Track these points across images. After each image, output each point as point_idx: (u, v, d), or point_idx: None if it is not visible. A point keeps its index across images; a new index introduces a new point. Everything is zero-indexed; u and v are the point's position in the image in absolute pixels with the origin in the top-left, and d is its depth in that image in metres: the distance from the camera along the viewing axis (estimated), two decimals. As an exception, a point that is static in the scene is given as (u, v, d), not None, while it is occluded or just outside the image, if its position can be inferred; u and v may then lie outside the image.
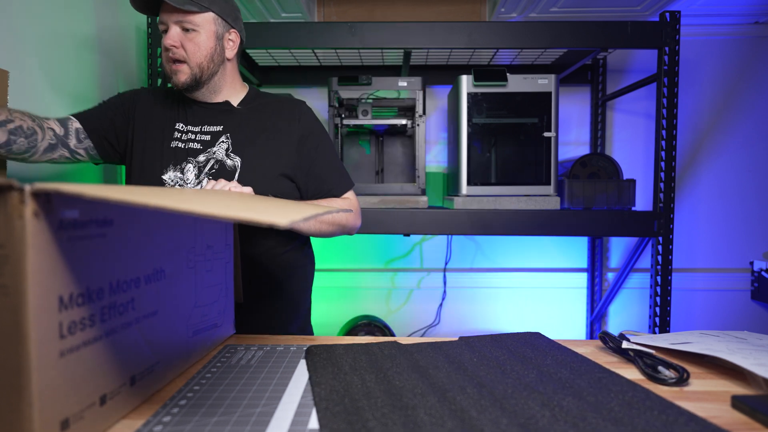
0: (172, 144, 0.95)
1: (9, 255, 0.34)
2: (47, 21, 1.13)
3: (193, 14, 0.90)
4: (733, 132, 1.99)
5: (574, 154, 2.00)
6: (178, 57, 0.91)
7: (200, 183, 0.93)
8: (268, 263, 0.98)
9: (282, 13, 1.75)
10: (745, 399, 0.48)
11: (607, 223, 1.46)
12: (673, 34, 1.45)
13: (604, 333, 0.68)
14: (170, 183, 0.93)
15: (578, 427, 0.42)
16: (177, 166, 0.94)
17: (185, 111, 0.99)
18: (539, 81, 1.53)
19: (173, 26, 0.90)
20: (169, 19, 0.90)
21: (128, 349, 0.46)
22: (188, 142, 0.95)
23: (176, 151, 0.94)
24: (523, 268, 2.05)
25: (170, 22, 0.90)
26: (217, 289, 0.67)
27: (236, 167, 0.94)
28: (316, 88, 2.02)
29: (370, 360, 0.60)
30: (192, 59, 0.91)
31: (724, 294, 2.01)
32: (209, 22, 0.92)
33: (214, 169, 0.93)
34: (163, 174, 0.93)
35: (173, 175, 0.93)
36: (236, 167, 0.94)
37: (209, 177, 0.93)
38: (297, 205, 0.71)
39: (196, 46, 0.91)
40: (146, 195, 0.38)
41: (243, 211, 0.41)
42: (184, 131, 0.96)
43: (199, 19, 0.91)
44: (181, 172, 0.93)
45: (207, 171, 0.93)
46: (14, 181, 0.33)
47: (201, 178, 0.93)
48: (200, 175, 0.93)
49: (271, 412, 0.46)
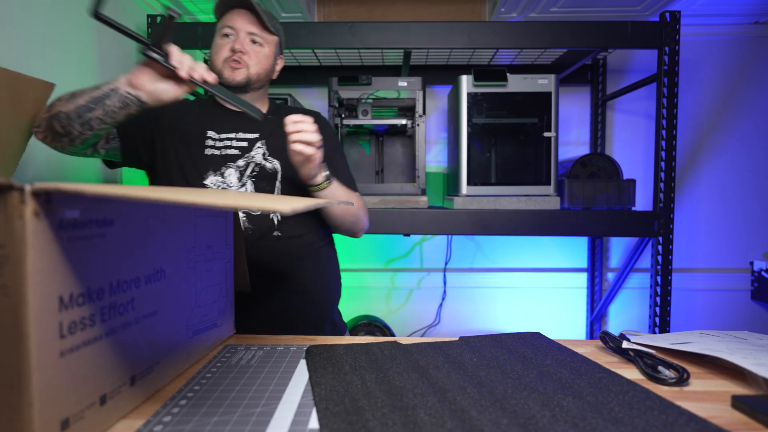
0: (206, 151, 1.00)
1: (9, 255, 0.34)
2: (47, 21, 1.13)
3: (266, 32, 1.03)
4: (733, 132, 1.99)
5: (574, 154, 2.00)
6: (242, 60, 1.00)
7: (244, 186, 0.98)
8: (306, 257, 1.02)
9: (282, 13, 1.75)
10: (745, 399, 0.48)
11: (607, 223, 1.46)
12: (673, 34, 1.45)
13: (605, 333, 0.68)
14: (213, 187, 0.97)
15: (578, 427, 0.42)
16: (217, 171, 0.98)
17: (213, 120, 1.04)
18: (539, 81, 1.53)
19: (245, 35, 1.01)
20: (242, 28, 1.00)
21: (128, 349, 0.46)
22: (224, 149, 1.00)
23: (213, 158, 0.99)
24: (523, 268, 2.05)
25: (242, 31, 1.00)
26: (217, 289, 0.67)
27: (276, 169, 1.01)
28: (316, 88, 2.02)
29: (370, 360, 0.60)
30: (253, 67, 1.01)
31: (724, 294, 2.01)
32: (272, 43, 1.05)
33: (255, 172, 0.99)
34: (205, 179, 0.97)
35: (215, 180, 0.98)
36: (276, 169, 1.01)
37: (252, 179, 0.98)
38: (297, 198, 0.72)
39: (259, 57, 1.02)
40: (146, 191, 0.38)
41: (245, 201, 0.41)
42: (218, 138, 1.01)
43: (268, 37, 1.04)
44: (222, 176, 0.98)
45: (249, 174, 0.99)
46: (14, 181, 0.33)
47: (243, 180, 0.99)
48: (242, 178, 0.99)
49: (271, 412, 0.46)
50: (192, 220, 0.60)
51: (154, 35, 0.76)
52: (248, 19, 1.01)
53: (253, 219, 0.96)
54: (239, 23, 1.00)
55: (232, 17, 1.01)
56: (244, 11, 1.01)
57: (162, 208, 0.52)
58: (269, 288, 0.97)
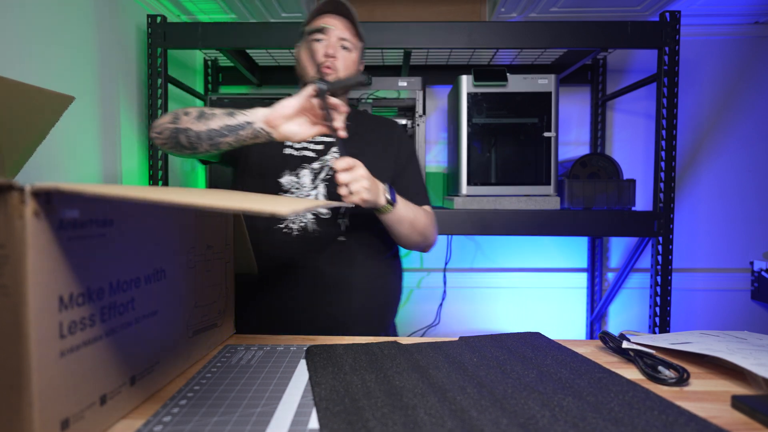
0: (285, 150, 1.01)
1: (9, 255, 0.34)
2: (47, 21, 1.13)
3: (356, 38, 1.05)
4: (733, 132, 1.99)
5: (574, 154, 2.00)
6: (333, 65, 1.01)
7: (316, 188, 0.99)
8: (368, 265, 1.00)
9: (282, 13, 1.75)
10: (745, 399, 0.48)
11: (607, 223, 1.46)
12: (673, 34, 1.45)
13: (605, 333, 0.68)
14: (287, 186, 0.98)
15: (578, 427, 0.42)
16: (292, 171, 0.99)
17: None
18: (539, 81, 1.53)
19: (336, 40, 1.02)
20: (334, 33, 1.02)
21: (128, 349, 0.46)
22: (301, 150, 1.02)
23: (290, 158, 1.01)
24: (523, 268, 2.05)
25: (334, 36, 1.02)
26: (217, 289, 0.67)
27: None
28: (316, 88, 2.02)
29: (371, 360, 0.60)
30: (342, 71, 1.02)
31: (724, 294, 2.01)
32: (360, 49, 1.07)
33: (329, 176, 0.99)
34: (280, 178, 0.99)
35: (289, 179, 0.99)
36: None
37: (325, 183, 0.99)
38: (298, 199, 0.73)
39: (347, 62, 1.04)
40: (146, 191, 0.38)
41: (244, 202, 0.41)
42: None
43: (357, 43, 1.06)
44: (297, 176, 0.99)
45: (322, 177, 0.99)
46: (14, 181, 0.33)
47: (316, 183, 0.99)
48: (315, 180, 0.99)
49: (271, 412, 0.46)
50: (192, 220, 0.60)
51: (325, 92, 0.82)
52: (341, 25, 1.02)
53: (321, 222, 0.96)
54: (332, 28, 1.02)
55: (325, 22, 1.03)
56: (336, 16, 1.03)
57: (162, 208, 0.52)
58: (328, 292, 0.95)
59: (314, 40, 1.02)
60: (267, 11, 1.73)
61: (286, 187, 0.98)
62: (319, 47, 1.01)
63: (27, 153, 0.79)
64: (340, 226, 0.98)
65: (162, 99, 1.51)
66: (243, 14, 1.76)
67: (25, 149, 0.78)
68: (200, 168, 1.95)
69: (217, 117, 0.84)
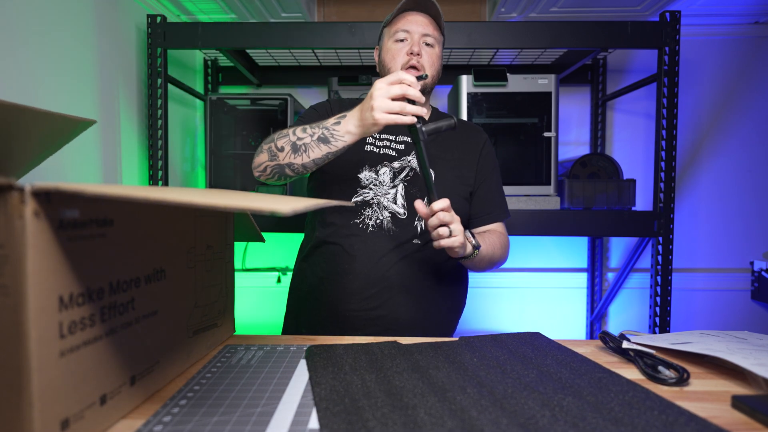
0: (366, 147, 1.03)
1: (9, 255, 0.34)
2: (46, 21, 1.13)
3: (438, 32, 1.04)
4: (733, 132, 1.99)
5: (574, 154, 2.00)
6: (419, 63, 1.00)
7: (395, 186, 0.99)
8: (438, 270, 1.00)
9: (282, 13, 1.75)
10: (745, 399, 0.48)
11: (607, 223, 1.46)
12: (673, 34, 1.45)
13: (605, 333, 0.68)
14: (365, 181, 1.00)
15: (578, 427, 0.42)
16: (372, 167, 1.01)
17: None
18: (539, 81, 1.53)
19: (419, 37, 1.01)
20: (417, 30, 1.01)
21: (128, 348, 0.46)
22: (383, 148, 1.03)
23: (371, 155, 1.02)
24: (523, 268, 2.05)
25: (417, 34, 1.01)
26: (217, 289, 0.67)
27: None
28: (316, 88, 2.02)
29: (370, 360, 0.60)
30: (428, 69, 1.02)
31: (724, 294, 2.01)
32: (441, 43, 1.06)
33: (409, 176, 1.00)
34: (359, 173, 1.00)
35: (368, 175, 1.00)
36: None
37: (404, 183, 1.00)
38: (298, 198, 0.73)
39: (432, 59, 1.03)
40: (146, 191, 0.38)
41: (244, 201, 0.41)
42: (378, 137, 1.04)
43: (439, 37, 1.05)
44: (376, 173, 1.00)
45: (402, 177, 1.00)
46: (14, 181, 0.33)
47: (396, 182, 1.00)
48: (395, 179, 1.00)
49: (271, 412, 0.46)
50: (192, 220, 0.60)
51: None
52: (423, 21, 1.01)
53: (397, 221, 0.97)
54: (414, 26, 1.01)
55: (407, 20, 1.02)
56: (419, 13, 1.02)
57: (162, 208, 0.52)
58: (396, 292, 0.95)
59: (398, 39, 1.03)
60: (267, 11, 1.73)
61: (365, 183, 0.99)
62: (403, 47, 1.01)
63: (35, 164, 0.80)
64: (417, 228, 0.98)
65: (162, 99, 1.51)
66: (243, 14, 1.76)
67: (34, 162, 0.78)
68: (200, 168, 1.95)
69: (313, 145, 0.88)
